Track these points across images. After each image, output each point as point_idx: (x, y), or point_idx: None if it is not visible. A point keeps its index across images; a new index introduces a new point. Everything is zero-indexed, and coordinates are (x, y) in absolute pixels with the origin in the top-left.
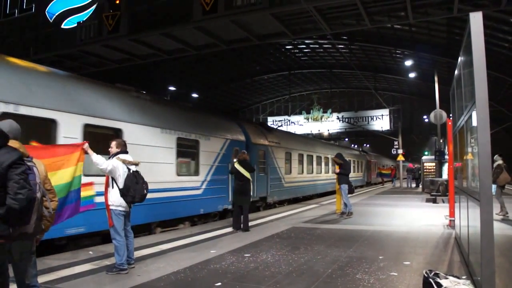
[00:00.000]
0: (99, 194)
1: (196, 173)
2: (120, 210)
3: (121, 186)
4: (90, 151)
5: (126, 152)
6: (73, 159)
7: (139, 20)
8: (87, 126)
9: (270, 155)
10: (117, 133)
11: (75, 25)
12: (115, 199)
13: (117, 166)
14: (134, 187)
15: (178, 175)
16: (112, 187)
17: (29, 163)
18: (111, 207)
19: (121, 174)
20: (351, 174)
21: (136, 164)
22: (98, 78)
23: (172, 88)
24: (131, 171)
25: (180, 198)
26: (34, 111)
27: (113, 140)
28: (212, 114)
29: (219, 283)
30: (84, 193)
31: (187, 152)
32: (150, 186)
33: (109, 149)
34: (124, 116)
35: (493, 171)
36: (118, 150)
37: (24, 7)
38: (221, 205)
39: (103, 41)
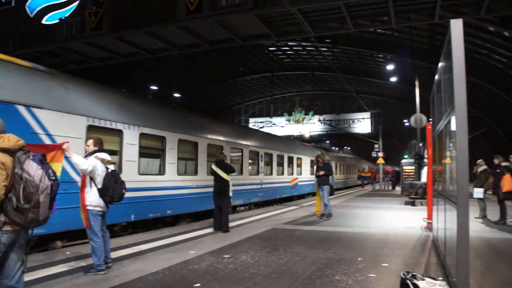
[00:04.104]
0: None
1: None
2: (98, 211)
3: (99, 186)
4: (70, 151)
5: (103, 151)
6: (48, 158)
7: (122, 18)
8: (141, 135)
9: None
10: (162, 140)
11: (57, 21)
12: (93, 199)
13: (96, 165)
14: (113, 186)
15: None
16: (90, 187)
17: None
18: (88, 208)
19: (100, 173)
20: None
21: (114, 163)
22: (79, 76)
23: (154, 88)
24: (109, 170)
25: None
26: (107, 124)
27: (90, 139)
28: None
29: (198, 284)
30: None
31: None
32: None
33: (85, 147)
34: (167, 127)
35: (479, 175)
36: (95, 148)
37: (3, 0)
38: None
39: (85, 38)
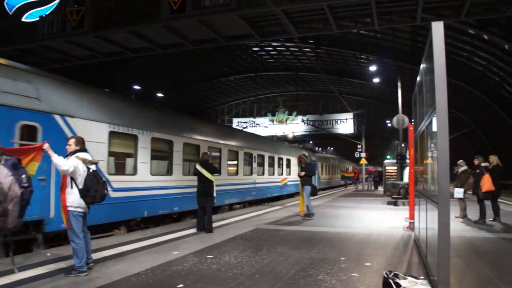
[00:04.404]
0: None
1: None
2: (79, 212)
3: (80, 186)
4: (50, 151)
5: (85, 150)
6: (27, 159)
7: (104, 16)
8: (153, 139)
9: None
10: (170, 144)
11: (37, 19)
12: (75, 200)
13: (77, 166)
14: (95, 187)
15: None
16: (71, 188)
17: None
18: (69, 209)
19: (81, 174)
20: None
21: (96, 163)
22: (61, 74)
23: (137, 87)
24: (90, 170)
25: None
26: (125, 130)
27: (72, 138)
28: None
29: (181, 285)
30: None
31: None
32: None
33: (67, 147)
34: (174, 132)
35: (459, 175)
36: (77, 148)
37: None
38: None
39: (67, 36)
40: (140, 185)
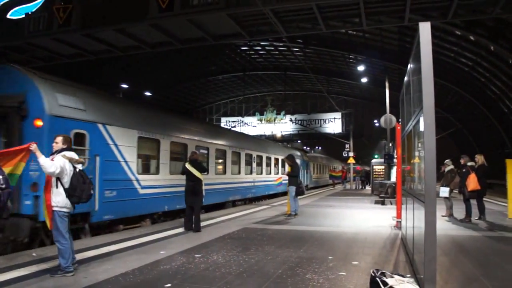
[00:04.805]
0: None
1: None
2: (65, 212)
3: (66, 185)
4: (38, 153)
5: (72, 149)
6: (15, 159)
7: (92, 14)
8: (171, 143)
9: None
10: (184, 147)
11: (23, 16)
12: (60, 200)
13: (64, 165)
14: (81, 187)
15: None
16: (57, 187)
17: None
18: (54, 209)
19: (68, 173)
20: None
21: (82, 163)
22: (48, 73)
23: (124, 86)
24: (77, 169)
25: None
26: (151, 135)
27: (59, 136)
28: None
29: (169, 284)
30: None
31: None
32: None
33: (53, 145)
34: (188, 136)
35: (445, 175)
36: (64, 146)
37: None
38: None
39: (54, 34)
40: (161, 183)
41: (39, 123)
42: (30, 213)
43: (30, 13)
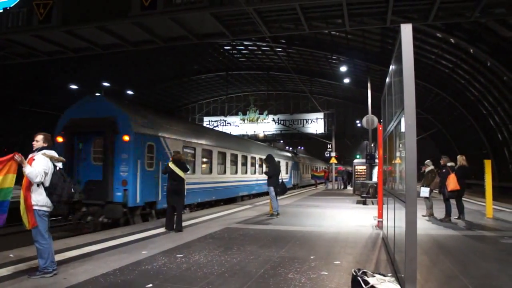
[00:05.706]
0: None
1: None
2: (45, 211)
3: (47, 184)
4: (24, 163)
5: (52, 148)
6: (3, 171)
7: (73, 11)
8: (202, 149)
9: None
10: (210, 153)
11: (1, 11)
12: (40, 199)
13: (47, 169)
14: (62, 185)
15: None
16: (37, 186)
17: None
18: (34, 208)
19: (48, 172)
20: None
21: (63, 161)
22: (28, 70)
23: (106, 84)
24: (57, 168)
25: None
26: (190, 144)
27: (39, 134)
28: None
29: (150, 285)
30: None
31: None
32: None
33: (33, 143)
34: (213, 143)
35: (426, 175)
36: (44, 145)
37: None
38: None
39: (33, 30)
40: (197, 180)
41: (126, 138)
42: (121, 201)
43: (8, 8)
